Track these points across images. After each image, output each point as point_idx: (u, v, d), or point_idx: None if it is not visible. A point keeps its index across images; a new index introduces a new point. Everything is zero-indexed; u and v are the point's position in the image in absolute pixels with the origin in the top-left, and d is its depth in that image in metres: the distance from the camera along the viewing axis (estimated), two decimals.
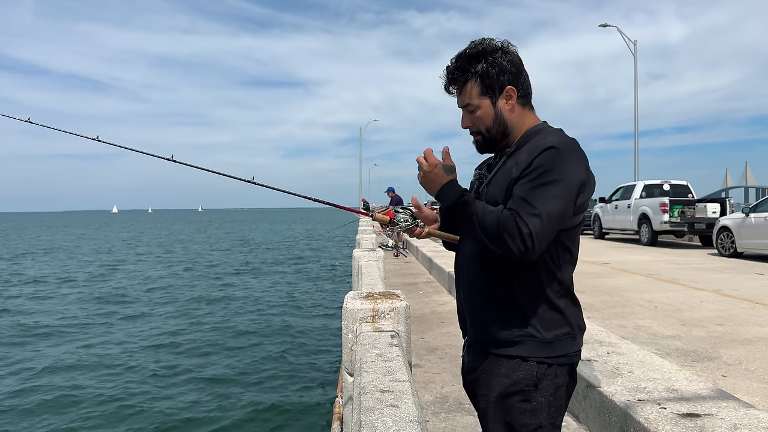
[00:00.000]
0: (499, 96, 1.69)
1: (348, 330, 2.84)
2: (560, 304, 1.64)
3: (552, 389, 1.62)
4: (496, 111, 1.70)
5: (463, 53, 1.71)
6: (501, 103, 1.69)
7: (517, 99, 1.70)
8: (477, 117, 1.72)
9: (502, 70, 1.67)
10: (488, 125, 1.71)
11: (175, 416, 8.08)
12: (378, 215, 2.05)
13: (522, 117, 1.72)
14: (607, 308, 6.74)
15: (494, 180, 1.70)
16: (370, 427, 1.44)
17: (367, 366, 2.02)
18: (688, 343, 5.07)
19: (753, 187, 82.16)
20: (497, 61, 1.67)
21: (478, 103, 1.70)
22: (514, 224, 1.48)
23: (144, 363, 10.73)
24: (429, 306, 7.59)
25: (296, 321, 14.47)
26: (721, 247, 12.92)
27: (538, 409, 1.61)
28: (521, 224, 1.47)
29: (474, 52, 1.69)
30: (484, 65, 1.67)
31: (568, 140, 1.60)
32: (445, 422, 3.51)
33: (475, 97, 1.70)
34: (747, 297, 7.40)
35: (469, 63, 1.69)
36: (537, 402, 1.61)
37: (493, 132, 1.72)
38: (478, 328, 1.72)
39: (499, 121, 1.70)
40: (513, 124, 1.71)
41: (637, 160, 25.10)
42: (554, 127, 1.71)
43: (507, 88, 1.68)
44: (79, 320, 14.86)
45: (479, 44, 1.69)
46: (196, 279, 23.44)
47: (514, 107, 1.70)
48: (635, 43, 24.34)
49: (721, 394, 2.96)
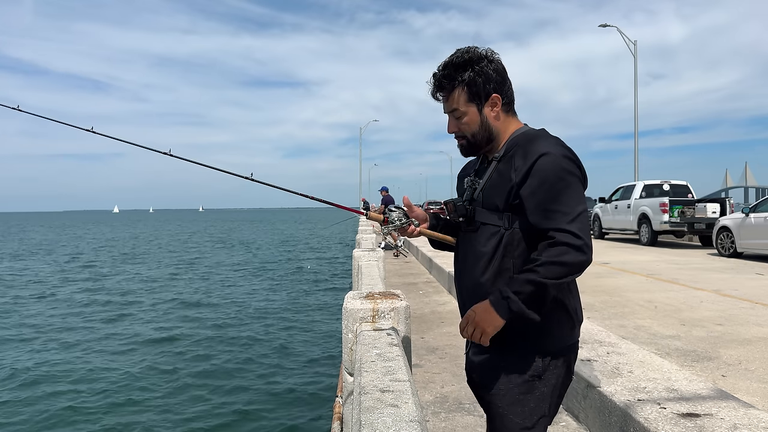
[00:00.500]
0: (485, 103, 1.76)
1: (348, 330, 2.84)
2: (561, 296, 1.70)
3: (554, 379, 1.71)
4: (482, 118, 1.77)
5: (450, 62, 1.77)
6: (487, 110, 1.76)
7: (501, 106, 1.77)
8: (463, 123, 1.79)
9: (488, 78, 1.74)
10: (474, 131, 1.78)
11: (175, 416, 8.09)
12: (372, 214, 2.07)
13: (506, 123, 1.79)
14: (607, 308, 6.74)
15: (489, 185, 1.76)
16: (370, 426, 1.44)
17: (367, 366, 2.02)
18: (688, 343, 5.07)
19: (753, 187, 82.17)
20: (483, 70, 1.73)
21: (465, 109, 1.77)
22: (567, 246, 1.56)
23: (143, 363, 10.74)
24: (429, 306, 7.59)
25: (296, 321, 14.47)
26: (721, 247, 12.92)
27: (542, 399, 1.70)
28: (571, 239, 1.56)
29: (461, 60, 1.75)
30: (471, 74, 1.73)
31: (557, 141, 1.69)
32: (445, 422, 3.51)
33: (462, 104, 1.77)
34: (747, 297, 7.40)
35: (456, 71, 1.75)
36: (541, 392, 1.69)
37: (478, 138, 1.79)
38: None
39: (484, 127, 1.77)
40: (498, 130, 1.78)
41: (637, 160, 25.12)
42: (536, 128, 1.79)
43: (492, 96, 1.75)
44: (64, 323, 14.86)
45: (465, 53, 1.75)
46: (197, 279, 23.45)
47: (498, 114, 1.77)
48: (635, 43, 24.36)
49: (721, 394, 2.96)
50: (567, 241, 1.56)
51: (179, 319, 14.97)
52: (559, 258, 1.56)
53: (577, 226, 1.58)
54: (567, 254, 1.56)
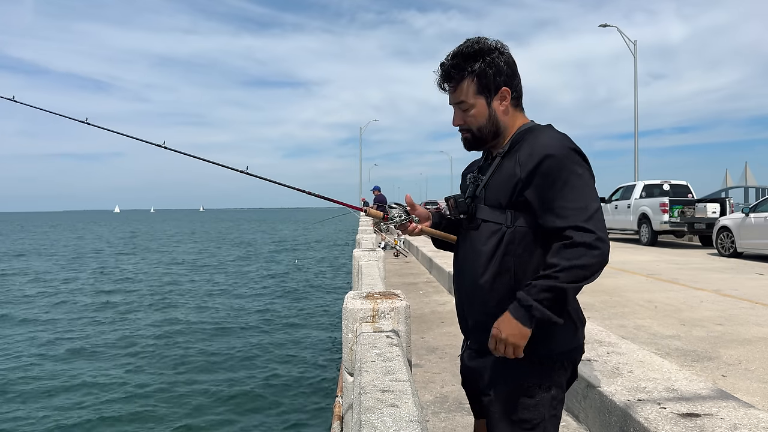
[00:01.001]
0: (494, 96, 1.70)
1: (348, 330, 2.84)
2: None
3: (554, 384, 1.65)
4: (491, 111, 1.70)
5: (461, 51, 1.69)
6: (495, 104, 1.70)
7: (510, 100, 1.71)
8: (470, 116, 1.72)
9: (498, 71, 1.68)
10: (481, 124, 1.72)
11: (174, 416, 8.08)
12: (371, 211, 2.04)
13: (513, 118, 1.73)
14: (607, 308, 6.74)
15: (493, 181, 1.69)
16: (370, 426, 1.44)
17: (367, 366, 2.02)
18: (688, 343, 5.07)
19: (753, 187, 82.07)
20: (495, 62, 1.67)
21: (473, 102, 1.70)
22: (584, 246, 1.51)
23: (142, 363, 10.74)
24: (429, 306, 7.59)
25: (296, 321, 14.47)
26: (721, 247, 12.91)
27: (541, 404, 1.64)
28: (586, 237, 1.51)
29: (471, 51, 1.68)
30: (482, 65, 1.67)
31: (563, 136, 1.63)
32: (445, 422, 3.51)
33: (471, 96, 1.70)
34: (747, 297, 7.40)
35: (467, 61, 1.68)
36: (540, 397, 1.64)
37: (484, 131, 1.72)
38: (481, 330, 1.71)
39: (492, 121, 1.71)
40: (505, 124, 1.72)
41: (637, 160, 25.08)
42: (543, 124, 1.73)
43: (502, 89, 1.69)
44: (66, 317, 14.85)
45: (476, 43, 1.69)
46: (197, 279, 23.44)
47: (507, 108, 1.71)
48: (635, 44, 24.36)
49: (721, 394, 2.96)
50: (585, 241, 1.50)
51: (179, 319, 14.96)
52: (579, 261, 1.50)
53: (594, 224, 1.52)
54: (586, 256, 1.50)
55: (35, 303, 17.66)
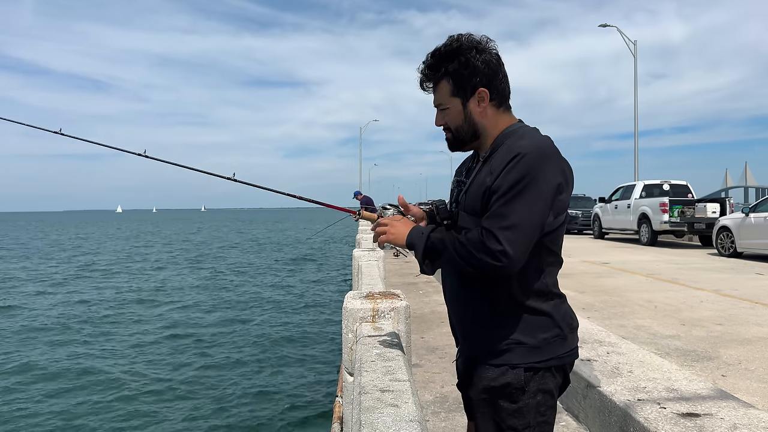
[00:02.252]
0: (470, 97, 1.63)
1: (348, 330, 2.84)
2: (546, 307, 1.61)
3: (540, 391, 1.61)
4: (466, 112, 1.64)
5: (438, 50, 1.65)
6: (472, 105, 1.64)
7: (490, 101, 1.64)
8: (448, 117, 1.68)
9: (474, 71, 1.60)
10: (458, 125, 1.67)
11: (173, 416, 8.09)
12: (365, 213, 2.03)
13: (496, 119, 1.65)
14: (607, 308, 6.74)
15: (471, 187, 1.65)
16: (370, 426, 1.44)
17: (367, 365, 2.02)
18: (687, 343, 5.07)
19: (753, 187, 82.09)
20: (471, 62, 1.60)
21: (449, 103, 1.66)
22: (482, 245, 1.49)
23: (140, 363, 10.74)
24: (429, 306, 7.59)
25: (296, 321, 14.48)
26: (721, 247, 12.92)
27: (526, 410, 1.60)
28: (491, 242, 1.47)
29: (448, 50, 1.62)
30: (456, 65, 1.61)
31: (540, 142, 1.55)
32: (445, 422, 3.51)
33: (446, 96, 1.66)
34: (747, 297, 7.40)
35: (441, 62, 1.63)
36: (525, 403, 1.59)
37: (462, 132, 1.68)
38: (467, 339, 1.72)
39: (468, 122, 1.65)
40: (484, 126, 1.65)
41: (637, 160, 25.13)
42: (529, 126, 1.66)
43: (479, 89, 1.62)
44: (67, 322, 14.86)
45: (455, 41, 1.62)
46: (198, 279, 23.45)
47: (485, 109, 1.64)
48: (635, 43, 24.36)
49: (721, 394, 2.96)
50: (490, 248, 1.47)
51: (178, 319, 14.97)
52: (477, 256, 1.50)
53: (507, 235, 1.46)
54: (480, 252, 1.49)
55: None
